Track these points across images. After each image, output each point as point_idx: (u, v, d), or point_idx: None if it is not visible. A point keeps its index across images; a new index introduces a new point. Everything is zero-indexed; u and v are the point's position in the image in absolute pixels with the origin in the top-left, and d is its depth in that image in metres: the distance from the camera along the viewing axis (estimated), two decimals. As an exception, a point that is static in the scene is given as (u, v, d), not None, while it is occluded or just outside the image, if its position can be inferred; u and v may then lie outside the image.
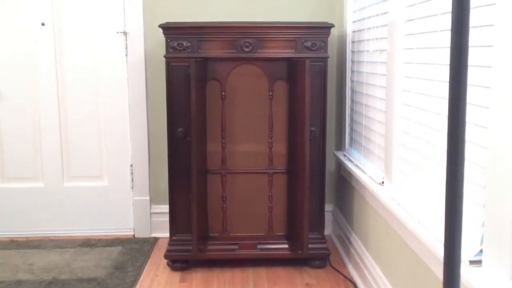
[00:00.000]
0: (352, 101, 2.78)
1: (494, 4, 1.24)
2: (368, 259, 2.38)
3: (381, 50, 2.23)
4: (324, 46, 2.57)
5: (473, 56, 1.37)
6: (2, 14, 3.04)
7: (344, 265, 2.74)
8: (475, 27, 1.36)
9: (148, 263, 2.80)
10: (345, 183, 2.84)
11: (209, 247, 2.68)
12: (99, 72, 3.10)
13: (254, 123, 2.68)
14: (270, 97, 2.66)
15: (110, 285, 2.50)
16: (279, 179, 2.72)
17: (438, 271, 1.55)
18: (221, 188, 2.72)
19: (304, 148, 2.43)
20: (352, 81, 2.80)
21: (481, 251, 1.32)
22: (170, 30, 2.55)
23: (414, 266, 1.80)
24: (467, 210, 1.39)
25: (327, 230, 3.07)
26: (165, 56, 2.58)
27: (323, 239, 2.71)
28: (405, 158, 1.94)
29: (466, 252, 1.36)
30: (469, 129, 1.39)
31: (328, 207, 3.12)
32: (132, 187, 3.18)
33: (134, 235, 3.19)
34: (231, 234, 2.74)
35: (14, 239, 3.11)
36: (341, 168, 2.93)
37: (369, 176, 2.33)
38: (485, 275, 1.28)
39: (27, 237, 3.14)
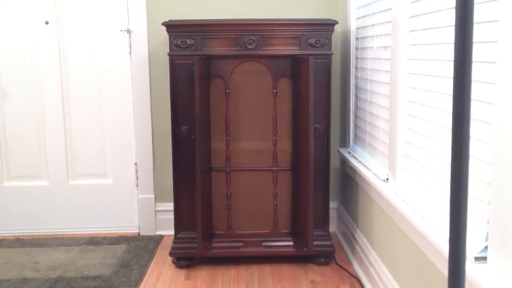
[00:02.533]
0: (356, 98, 2.78)
1: (499, -1, 1.23)
2: (373, 256, 2.38)
3: (385, 47, 2.22)
4: (327, 43, 2.57)
5: (478, 52, 1.36)
6: (5, 14, 3.05)
7: (349, 262, 2.74)
8: (479, 22, 1.35)
9: (153, 261, 2.81)
10: (350, 180, 2.84)
11: (214, 245, 2.68)
12: (103, 70, 3.11)
13: (258, 121, 2.68)
14: (274, 94, 2.66)
15: (115, 283, 2.51)
16: (283, 177, 2.72)
17: (443, 267, 1.55)
18: (226, 186, 2.72)
19: (308, 145, 2.43)
20: (356, 78, 2.79)
21: (486, 247, 1.32)
22: (174, 28, 2.55)
23: (419, 263, 1.80)
24: (471, 206, 1.39)
25: (332, 227, 3.07)
26: (169, 54, 2.58)
27: (327, 236, 2.71)
28: (410, 155, 1.94)
29: (471, 248, 1.35)
30: (473, 126, 1.38)
31: (333, 204, 3.12)
32: (137, 185, 3.19)
33: (139, 233, 3.19)
34: (236, 232, 2.75)
35: (20, 238, 3.12)
36: (345, 165, 2.93)
37: (374, 173, 2.33)
38: (490, 272, 1.27)
39: (32, 235, 3.15)
